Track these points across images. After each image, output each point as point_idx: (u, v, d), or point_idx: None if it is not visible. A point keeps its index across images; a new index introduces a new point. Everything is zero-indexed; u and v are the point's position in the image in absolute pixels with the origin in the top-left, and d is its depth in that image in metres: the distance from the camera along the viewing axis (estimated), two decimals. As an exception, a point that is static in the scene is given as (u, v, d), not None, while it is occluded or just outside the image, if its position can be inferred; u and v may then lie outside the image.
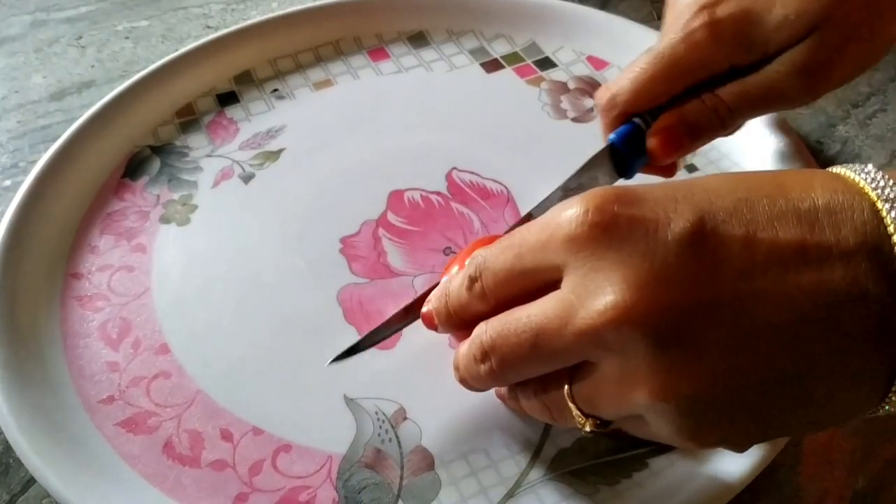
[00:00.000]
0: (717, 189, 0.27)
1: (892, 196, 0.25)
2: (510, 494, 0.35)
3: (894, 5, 0.37)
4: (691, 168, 0.49)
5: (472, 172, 0.49)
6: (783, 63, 0.37)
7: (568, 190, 0.39)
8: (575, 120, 0.53)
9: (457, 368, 0.34)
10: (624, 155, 0.40)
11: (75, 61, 0.61)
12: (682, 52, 0.38)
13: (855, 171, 0.26)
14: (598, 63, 0.57)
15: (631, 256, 0.26)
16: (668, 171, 0.42)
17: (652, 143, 0.39)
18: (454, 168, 0.50)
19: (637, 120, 0.39)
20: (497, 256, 0.31)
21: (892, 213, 0.24)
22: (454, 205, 0.48)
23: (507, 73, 0.57)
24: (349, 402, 0.39)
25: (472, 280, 0.31)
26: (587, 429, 0.30)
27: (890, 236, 0.24)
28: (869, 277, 0.24)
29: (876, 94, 0.55)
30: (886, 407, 0.26)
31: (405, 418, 0.38)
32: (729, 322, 0.25)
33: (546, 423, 0.36)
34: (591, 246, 0.27)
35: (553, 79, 0.56)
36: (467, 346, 0.32)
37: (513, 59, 0.58)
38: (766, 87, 0.37)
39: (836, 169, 0.27)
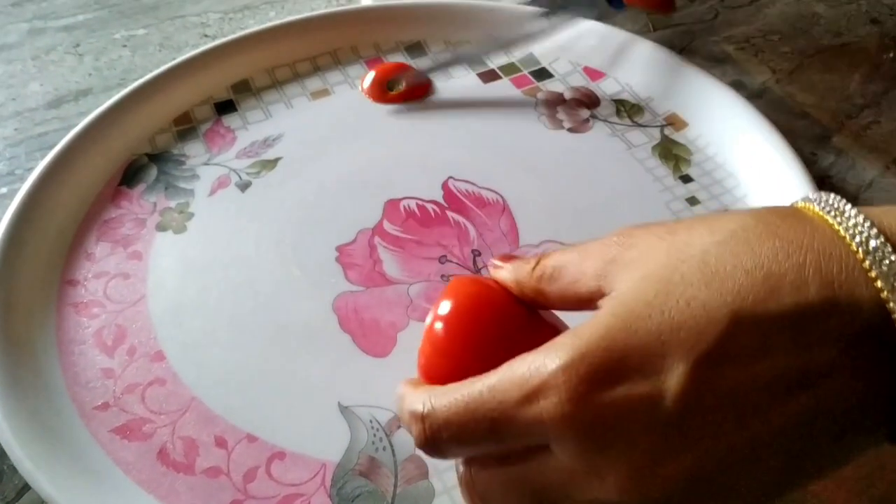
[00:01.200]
0: (703, 306, 0.24)
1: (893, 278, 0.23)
2: None
3: None
4: (686, 179, 0.49)
5: (467, 182, 0.50)
6: None
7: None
8: (571, 130, 0.53)
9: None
10: None
11: (72, 69, 0.62)
12: None
13: (847, 229, 0.24)
14: (595, 74, 0.57)
15: (627, 438, 0.24)
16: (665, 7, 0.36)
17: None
18: (450, 177, 0.50)
19: None
20: (462, 430, 0.27)
21: None
22: (450, 214, 0.48)
23: (504, 84, 0.57)
24: (343, 409, 0.39)
25: (425, 446, 0.29)
26: None
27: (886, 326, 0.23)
28: (868, 369, 0.23)
29: (870, 106, 0.56)
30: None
31: (399, 426, 0.38)
32: (736, 468, 0.24)
33: None
34: (584, 435, 0.25)
35: (549, 89, 0.56)
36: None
37: (509, 69, 0.58)
38: None
39: (828, 218, 0.25)
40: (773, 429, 0.23)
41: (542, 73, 0.58)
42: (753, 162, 0.49)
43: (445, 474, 0.36)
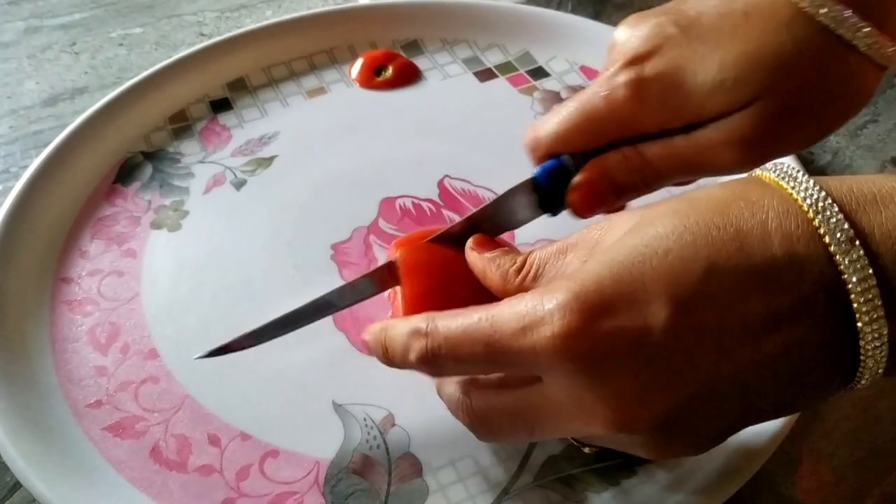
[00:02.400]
0: (680, 256, 0.26)
1: (842, 240, 0.25)
2: (498, 501, 0.35)
3: (842, 82, 0.33)
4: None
5: (463, 180, 0.50)
6: (717, 131, 0.33)
7: (481, 220, 0.37)
8: (567, 129, 0.53)
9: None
10: (545, 191, 0.37)
11: (68, 68, 0.62)
12: (603, 109, 0.34)
13: (802, 196, 0.26)
14: (591, 73, 0.57)
15: (617, 372, 0.26)
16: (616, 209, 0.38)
17: (573, 197, 0.36)
18: (446, 176, 0.50)
19: (565, 158, 0.36)
20: (458, 347, 0.29)
21: (846, 262, 0.25)
22: (445, 212, 0.48)
23: (501, 83, 0.57)
24: (337, 407, 0.38)
25: (422, 361, 0.30)
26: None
27: (844, 284, 0.25)
28: (827, 318, 0.25)
29: (866, 106, 0.56)
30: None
31: (393, 424, 0.38)
32: (716, 402, 0.26)
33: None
34: (575, 369, 0.26)
35: (546, 88, 0.56)
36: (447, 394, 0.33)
37: (506, 68, 0.58)
38: (696, 153, 0.34)
39: (785, 186, 0.27)
40: (746, 366, 0.26)
41: (539, 72, 0.57)
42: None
43: (440, 472, 0.36)
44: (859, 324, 0.25)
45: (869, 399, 0.40)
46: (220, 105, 0.55)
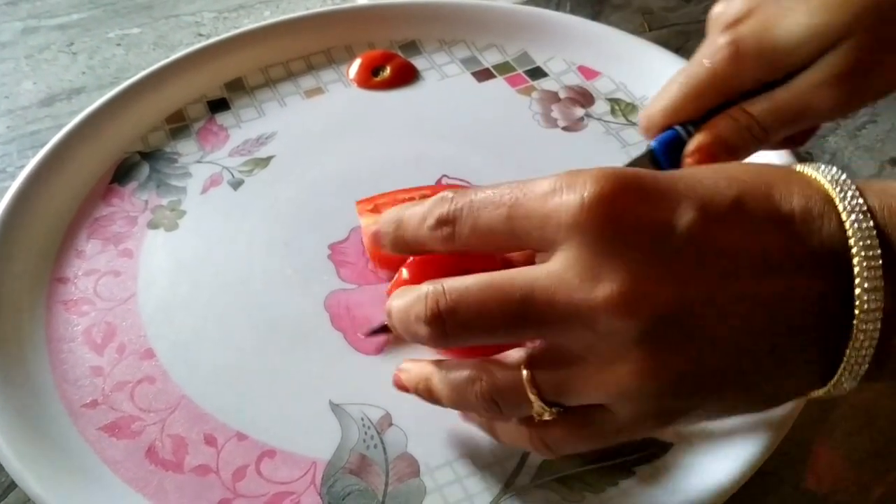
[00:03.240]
0: (715, 185, 0.28)
1: (853, 207, 0.27)
2: (496, 501, 0.35)
3: None
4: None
5: (461, 180, 0.49)
6: (814, 73, 0.36)
7: None
8: (565, 129, 0.53)
9: (389, 315, 0.32)
10: (662, 163, 0.40)
11: (66, 68, 0.61)
12: (707, 73, 0.38)
13: (825, 175, 0.28)
14: (589, 73, 0.57)
15: (637, 251, 0.27)
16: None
17: (690, 162, 0.38)
18: (444, 175, 0.50)
19: (678, 128, 0.39)
20: (481, 209, 0.29)
21: (855, 225, 0.26)
22: (443, 212, 0.48)
23: (499, 83, 0.57)
24: (335, 407, 0.38)
25: (442, 222, 0.30)
26: (546, 417, 0.30)
27: (850, 248, 0.26)
28: (826, 285, 0.27)
29: (866, 106, 0.56)
30: (821, 392, 0.29)
31: (391, 424, 0.38)
32: (714, 318, 0.27)
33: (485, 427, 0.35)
34: (596, 234, 0.27)
35: (544, 88, 0.56)
36: (413, 299, 0.30)
37: (504, 68, 0.58)
38: (797, 99, 0.37)
39: (810, 171, 0.29)
40: (748, 293, 0.27)
41: (537, 72, 0.57)
42: (750, 161, 0.49)
43: (437, 472, 0.36)
44: (857, 290, 0.26)
45: (869, 399, 0.40)
46: (218, 105, 0.55)
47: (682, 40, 0.61)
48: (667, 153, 0.40)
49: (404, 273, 0.36)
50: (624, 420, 0.29)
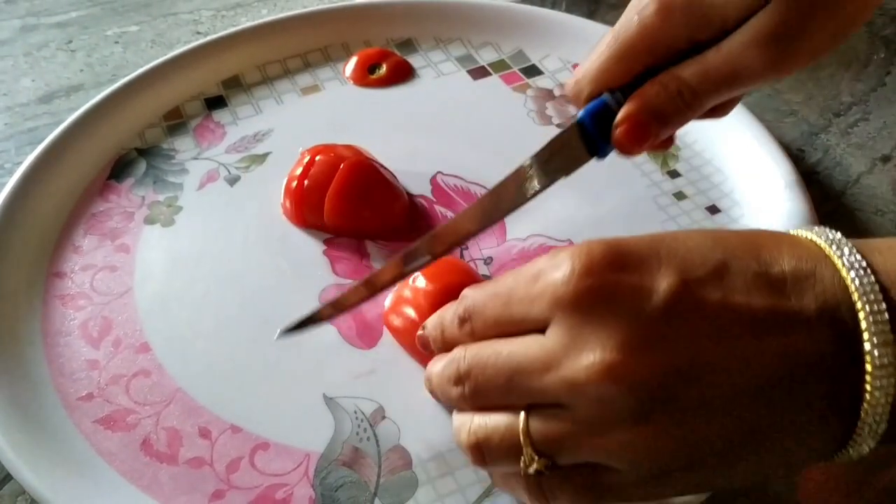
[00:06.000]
0: (697, 248, 0.28)
1: (853, 264, 0.26)
2: (487, 493, 0.35)
3: None
4: (674, 174, 0.49)
5: (456, 177, 0.50)
6: (744, 33, 0.34)
7: (536, 165, 0.38)
8: (560, 126, 0.53)
9: (429, 380, 0.34)
10: (592, 135, 0.37)
11: (64, 65, 0.62)
12: (635, 32, 0.35)
13: (819, 235, 0.28)
14: (584, 71, 0.57)
15: (618, 319, 0.27)
16: (663, 145, 0.40)
17: (619, 133, 0.36)
18: (439, 172, 0.50)
19: (607, 97, 0.37)
20: (486, 302, 0.32)
21: (857, 281, 0.26)
22: (438, 208, 0.48)
23: (494, 80, 0.57)
24: (328, 400, 0.39)
25: (462, 320, 0.33)
26: (533, 469, 0.29)
27: (852, 302, 0.26)
28: (828, 342, 0.26)
29: (858, 104, 0.56)
30: (837, 459, 0.28)
31: (384, 417, 0.38)
32: (705, 383, 0.26)
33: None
34: (579, 306, 0.28)
35: (539, 86, 0.56)
36: (443, 366, 0.33)
37: (499, 66, 0.58)
38: (728, 61, 0.34)
39: (803, 232, 0.29)
40: (741, 354, 0.26)
41: (532, 70, 0.58)
42: (741, 158, 0.49)
43: (429, 464, 0.36)
44: (867, 345, 0.25)
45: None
46: (215, 102, 0.56)
47: (677, 39, 0.61)
48: (596, 125, 0.37)
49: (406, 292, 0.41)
50: (623, 480, 0.28)
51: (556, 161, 0.37)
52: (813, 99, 0.56)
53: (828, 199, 0.50)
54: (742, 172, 0.49)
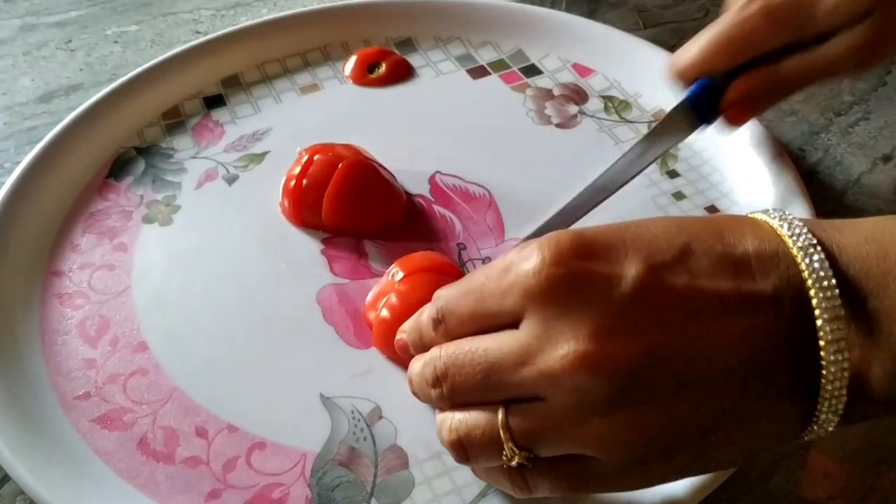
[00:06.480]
0: (662, 234, 0.29)
1: (804, 245, 0.27)
2: (483, 494, 0.35)
3: None
4: (673, 174, 0.49)
5: (455, 176, 0.50)
6: (842, 41, 0.40)
7: (649, 140, 0.44)
8: (559, 126, 0.53)
9: (410, 382, 0.34)
10: (699, 110, 0.44)
11: (64, 65, 0.62)
12: (741, 33, 0.41)
13: (775, 218, 0.29)
14: (584, 70, 0.57)
15: (588, 308, 0.27)
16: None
17: (732, 112, 0.44)
18: (437, 172, 0.50)
19: (711, 79, 0.43)
20: (458, 301, 0.32)
21: (806, 259, 0.27)
22: (436, 208, 0.48)
23: (493, 80, 0.57)
24: (325, 400, 0.39)
25: (437, 322, 0.33)
26: (515, 462, 0.29)
27: (805, 282, 0.27)
28: (792, 320, 0.27)
29: (858, 103, 0.56)
30: (805, 437, 0.29)
31: (381, 417, 0.38)
32: (676, 367, 0.27)
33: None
34: (550, 297, 0.28)
35: (538, 85, 0.56)
36: (421, 367, 0.33)
37: (499, 65, 0.58)
38: (825, 63, 0.41)
39: (759, 216, 0.30)
40: (710, 335, 0.27)
41: (532, 70, 0.58)
42: (741, 158, 0.49)
43: (425, 464, 0.36)
44: (818, 321, 0.26)
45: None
46: (214, 101, 0.55)
47: (677, 38, 0.61)
48: (701, 100, 0.44)
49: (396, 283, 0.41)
50: (604, 469, 0.29)
51: (666, 134, 0.45)
52: (813, 98, 0.56)
53: (828, 199, 0.49)
54: (741, 172, 0.49)
